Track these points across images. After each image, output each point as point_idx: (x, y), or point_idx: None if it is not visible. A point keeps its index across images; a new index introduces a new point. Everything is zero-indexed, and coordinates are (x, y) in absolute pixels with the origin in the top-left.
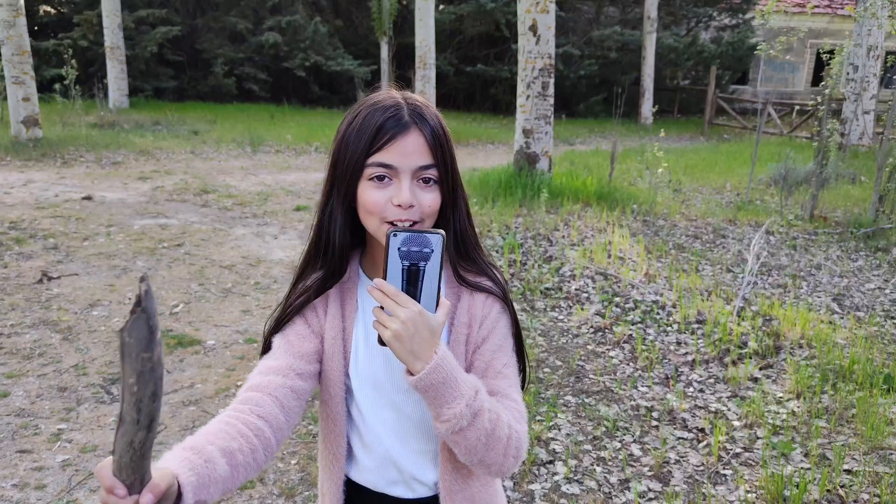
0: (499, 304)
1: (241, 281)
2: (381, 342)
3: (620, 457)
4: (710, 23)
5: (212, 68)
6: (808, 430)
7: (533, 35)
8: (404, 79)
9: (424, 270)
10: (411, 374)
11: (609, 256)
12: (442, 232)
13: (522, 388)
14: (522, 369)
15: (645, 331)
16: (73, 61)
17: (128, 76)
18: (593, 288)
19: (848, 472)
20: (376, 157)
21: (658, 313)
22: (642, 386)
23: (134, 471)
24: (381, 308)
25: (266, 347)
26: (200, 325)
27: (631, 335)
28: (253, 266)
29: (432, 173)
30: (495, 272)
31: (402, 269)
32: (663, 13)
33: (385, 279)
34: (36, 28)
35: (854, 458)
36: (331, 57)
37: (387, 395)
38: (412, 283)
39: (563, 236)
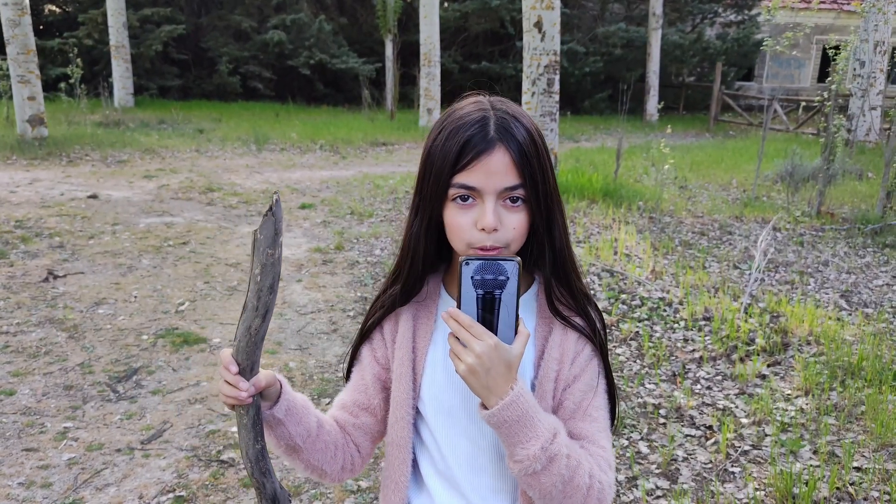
0: (592, 343)
1: (246, 279)
2: None
3: (628, 454)
4: (715, 19)
5: (217, 67)
6: (817, 427)
7: (538, 32)
8: (409, 76)
9: (500, 299)
10: (485, 408)
11: (615, 253)
12: (518, 259)
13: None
14: (613, 414)
15: (651, 328)
16: (79, 60)
17: (133, 75)
18: (599, 285)
19: (857, 469)
20: (459, 178)
21: (665, 310)
22: (649, 383)
23: (248, 356)
24: (457, 338)
25: (349, 372)
26: (206, 324)
27: (637, 332)
28: None
29: (519, 193)
30: (591, 310)
31: (477, 298)
32: (668, 10)
33: (459, 308)
34: (41, 27)
35: (864, 456)
36: (335, 55)
37: (461, 423)
38: (488, 312)
39: (569, 233)
